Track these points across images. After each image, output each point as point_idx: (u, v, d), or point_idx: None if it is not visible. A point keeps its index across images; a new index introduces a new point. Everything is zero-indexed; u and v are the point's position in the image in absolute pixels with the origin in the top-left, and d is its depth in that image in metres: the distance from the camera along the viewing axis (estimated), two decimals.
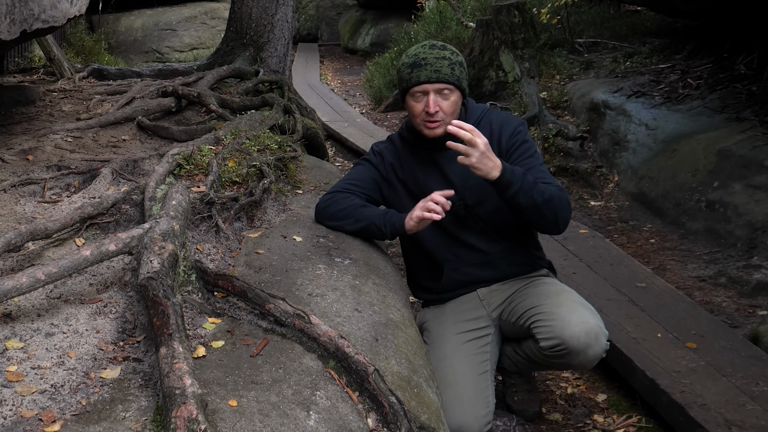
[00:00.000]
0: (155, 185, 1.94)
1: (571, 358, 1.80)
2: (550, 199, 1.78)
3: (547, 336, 1.79)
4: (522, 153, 1.89)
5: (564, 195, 1.84)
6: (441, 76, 1.81)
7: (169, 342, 1.18)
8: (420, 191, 1.92)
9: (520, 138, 1.91)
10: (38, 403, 1.12)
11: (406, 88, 1.87)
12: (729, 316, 2.79)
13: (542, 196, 1.77)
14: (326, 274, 1.67)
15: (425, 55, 1.83)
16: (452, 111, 1.85)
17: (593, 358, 1.80)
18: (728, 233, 3.41)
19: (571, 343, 1.75)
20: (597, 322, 1.78)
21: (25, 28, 2.20)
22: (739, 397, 2.03)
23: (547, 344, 1.80)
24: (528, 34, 6.07)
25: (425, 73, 1.81)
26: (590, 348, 1.76)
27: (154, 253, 1.43)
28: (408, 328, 1.59)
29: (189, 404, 1.02)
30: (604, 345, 1.79)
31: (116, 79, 4.12)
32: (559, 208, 1.81)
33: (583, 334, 1.75)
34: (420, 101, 1.84)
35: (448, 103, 1.83)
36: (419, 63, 1.82)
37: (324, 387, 1.22)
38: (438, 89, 1.82)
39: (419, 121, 1.86)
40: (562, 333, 1.76)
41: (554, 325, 1.78)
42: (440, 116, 1.83)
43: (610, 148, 4.68)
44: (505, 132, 1.91)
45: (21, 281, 1.30)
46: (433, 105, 1.81)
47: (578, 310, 1.79)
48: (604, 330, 1.80)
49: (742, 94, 4.24)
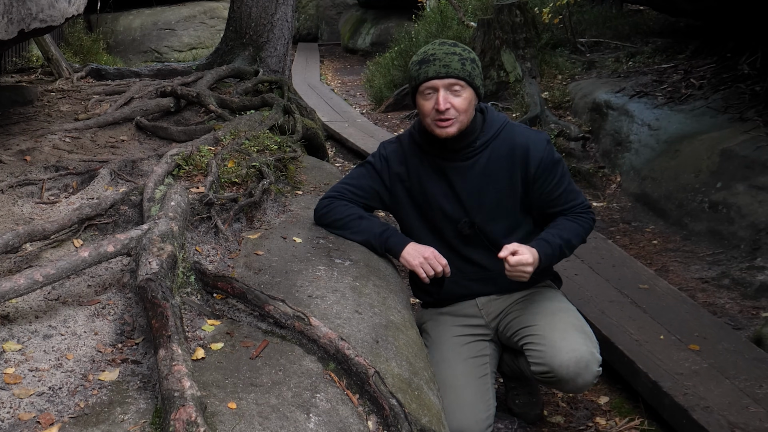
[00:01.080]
0: (154, 186, 1.94)
1: (560, 385, 1.80)
2: (579, 243, 1.89)
3: (537, 361, 1.78)
4: (552, 179, 1.84)
5: (588, 220, 1.89)
6: (450, 71, 1.73)
7: (168, 344, 1.17)
8: (426, 203, 1.89)
9: (549, 163, 1.83)
10: (36, 405, 1.12)
11: (415, 86, 1.79)
12: (732, 317, 2.78)
13: (573, 249, 1.88)
14: (326, 275, 1.66)
15: (434, 51, 1.77)
16: (465, 108, 1.76)
17: (583, 385, 1.78)
18: (731, 234, 3.40)
19: (560, 372, 1.74)
20: (589, 349, 1.75)
21: (23, 28, 2.19)
22: (743, 399, 2.03)
23: (537, 369, 1.79)
24: (530, 33, 6.06)
25: (434, 69, 1.74)
26: (579, 377, 1.74)
27: (153, 255, 1.43)
28: (409, 330, 1.59)
29: (188, 407, 1.02)
30: (594, 372, 1.76)
31: (115, 79, 4.11)
32: (584, 239, 1.91)
33: (572, 363, 1.72)
34: (430, 99, 1.76)
35: (460, 99, 1.75)
36: (428, 59, 1.76)
37: (324, 389, 1.21)
38: (448, 85, 1.74)
39: (430, 121, 1.78)
40: (551, 361, 1.74)
41: (545, 351, 1.76)
42: (452, 114, 1.75)
43: (612, 148, 4.67)
44: (533, 159, 1.82)
45: (18, 283, 1.30)
46: (443, 102, 1.73)
47: (571, 335, 1.76)
48: (597, 356, 1.77)
49: (746, 94, 4.23)
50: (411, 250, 1.84)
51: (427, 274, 1.82)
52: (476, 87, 1.78)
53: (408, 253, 1.83)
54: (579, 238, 1.87)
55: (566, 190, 1.87)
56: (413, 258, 1.82)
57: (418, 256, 1.82)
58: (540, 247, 1.77)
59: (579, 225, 1.87)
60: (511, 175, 1.84)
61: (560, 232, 1.83)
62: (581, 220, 1.87)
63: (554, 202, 1.87)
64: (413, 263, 1.82)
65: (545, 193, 1.86)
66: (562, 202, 1.87)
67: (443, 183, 1.87)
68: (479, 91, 1.80)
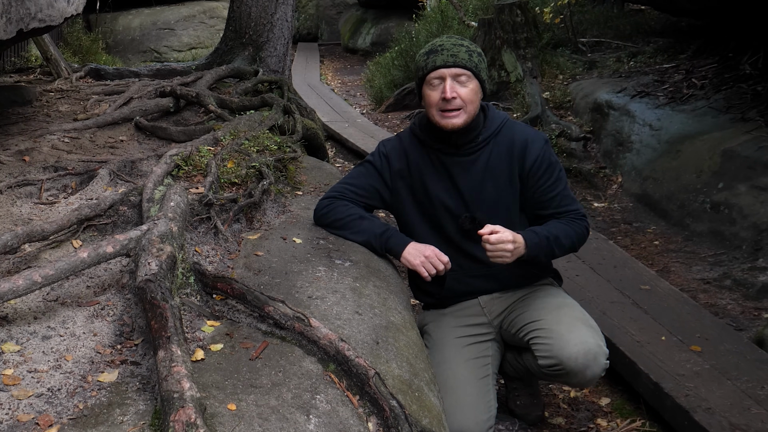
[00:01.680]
0: (153, 186, 1.93)
1: (568, 378, 1.79)
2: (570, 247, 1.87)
3: (545, 354, 1.77)
4: (546, 179, 1.85)
5: (581, 226, 1.87)
6: (458, 60, 1.76)
7: (168, 345, 1.17)
8: (426, 199, 1.90)
9: (545, 162, 1.85)
10: (35, 406, 1.12)
11: (422, 76, 1.81)
12: (734, 318, 2.77)
13: (562, 249, 1.85)
14: (326, 276, 1.65)
15: (442, 43, 1.80)
16: (471, 99, 1.78)
17: (591, 378, 1.78)
18: (733, 235, 3.39)
19: (568, 364, 1.73)
20: (596, 342, 1.75)
21: (22, 28, 2.19)
22: (744, 401, 2.02)
23: (545, 363, 1.78)
24: (530, 33, 6.04)
25: (441, 58, 1.76)
26: (588, 369, 1.74)
27: (152, 255, 1.42)
28: (409, 330, 1.58)
29: (187, 408, 1.01)
30: (602, 365, 1.76)
31: (114, 79, 4.11)
32: (576, 245, 1.88)
33: (581, 355, 1.72)
34: (437, 89, 1.78)
35: (467, 90, 1.77)
36: (436, 49, 1.79)
37: (324, 391, 1.21)
38: (455, 74, 1.76)
39: (436, 111, 1.80)
40: (560, 353, 1.74)
41: (552, 343, 1.76)
42: (458, 103, 1.76)
43: (613, 148, 4.66)
44: (530, 154, 1.84)
45: (17, 283, 1.29)
46: (450, 90, 1.75)
47: (578, 328, 1.76)
48: (604, 349, 1.77)
49: (748, 94, 4.21)
50: (411, 250, 1.83)
51: (429, 273, 1.82)
52: (482, 80, 1.81)
53: (409, 252, 1.83)
54: (569, 240, 1.84)
55: (561, 195, 1.86)
56: (414, 257, 1.82)
57: (419, 255, 1.82)
58: (526, 235, 1.77)
59: (570, 228, 1.85)
60: (511, 172, 1.85)
61: (549, 228, 1.83)
62: (573, 225, 1.86)
63: (547, 204, 1.86)
64: (414, 263, 1.82)
65: (539, 192, 1.85)
66: (556, 205, 1.86)
67: (445, 178, 1.88)
68: (484, 86, 1.82)
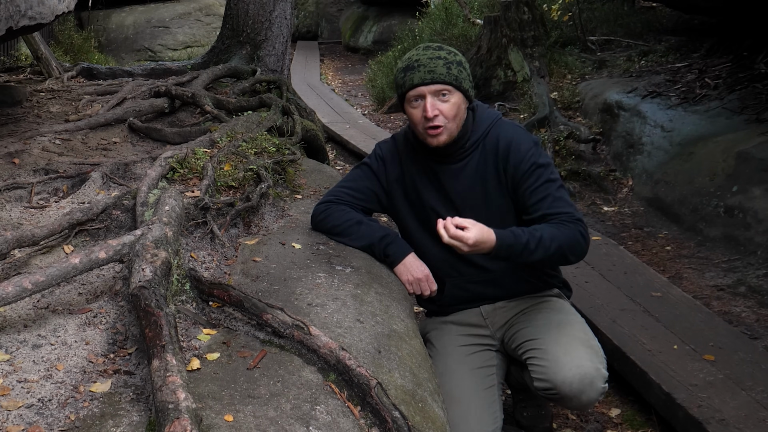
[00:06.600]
0: (147, 190, 1.92)
1: (563, 402, 1.78)
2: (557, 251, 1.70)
3: (540, 377, 1.75)
4: (532, 183, 1.77)
5: (574, 231, 1.72)
6: (436, 76, 1.72)
7: (162, 354, 1.16)
8: (420, 205, 1.90)
9: (530, 164, 1.77)
10: (25, 418, 1.11)
11: (402, 94, 1.80)
12: (748, 327, 2.73)
13: (545, 251, 1.69)
14: (326, 282, 1.65)
15: (418, 57, 1.76)
16: (454, 114, 1.75)
17: (587, 403, 1.75)
18: (748, 240, 3.34)
19: (563, 388, 1.70)
20: (594, 365, 1.71)
21: (11, 26, 2.17)
22: (759, 411, 1.99)
23: (540, 385, 1.76)
24: (538, 31, 5.96)
25: (419, 75, 1.72)
26: (583, 394, 1.71)
27: (147, 261, 1.41)
28: (412, 339, 1.57)
29: (183, 419, 1.00)
30: (600, 389, 1.72)
31: (106, 78, 4.09)
32: (568, 251, 1.73)
33: (576, 380, 1.69)
34: (418, 107, 1.76)
35: (449, 105, 1.74)
36: (412, 65, 1.75)
37: (324, 401, 1.20)
38: (434, 91, 1.73)
39: (421, 130, 1.77)
40: (554, 377, 1.71)
41: (548, 366, 1.72)
42: (440, 120, 1.74)
43: (624, 150, 4.60)
44: (512, 160, 1.78)
45: (7, 290, 1.28)
46: (431, 108, 1.72)
47: (575, 350, 1.72)
48: (603, 372, 1.73)
49: (763, 95, 4.15)
50: (407, 264, 1.85)
51: (414, 293, 1.86)
52: (465, 90, 1.77)
53: (404, 265, 1.85)
54: (555, 243, 1.68)
55: (551, 196, 1.76)
56: (402, 274, 1.85)
57: (409, 274, 1.85)
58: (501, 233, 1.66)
59: (558, 231, 1.70)
60: (498, 173, 1.83)
61: (533, 229, 1.72)
62: (563, 228, 1.71)
63: (536, 207, 1.77)
64: (402, 279, 1.85)
65: (525, 195, 1.78)
66: (546, 207, 1.76)
67: (435, 185, 1.87)
68: (468, 94, 1.79)
